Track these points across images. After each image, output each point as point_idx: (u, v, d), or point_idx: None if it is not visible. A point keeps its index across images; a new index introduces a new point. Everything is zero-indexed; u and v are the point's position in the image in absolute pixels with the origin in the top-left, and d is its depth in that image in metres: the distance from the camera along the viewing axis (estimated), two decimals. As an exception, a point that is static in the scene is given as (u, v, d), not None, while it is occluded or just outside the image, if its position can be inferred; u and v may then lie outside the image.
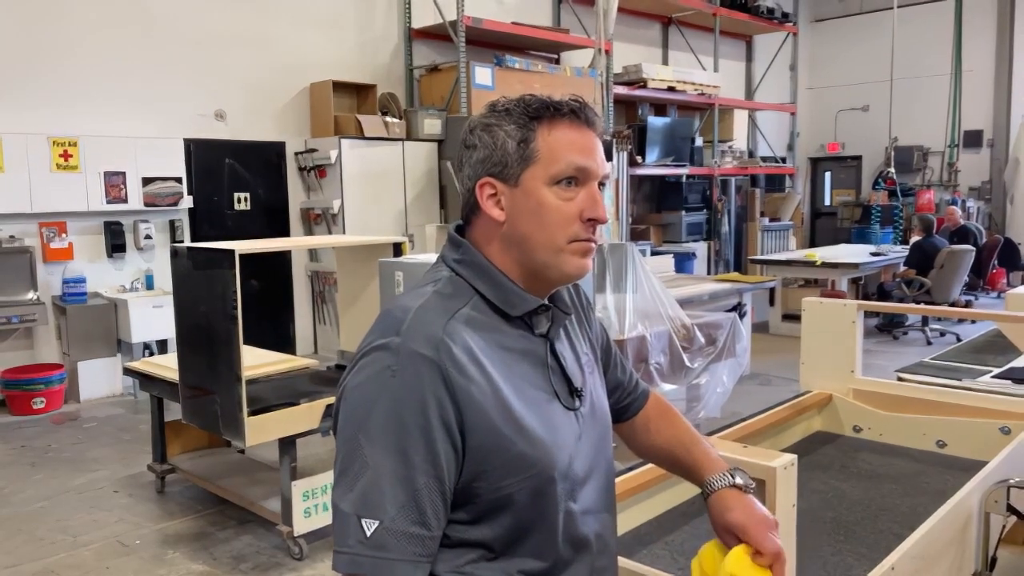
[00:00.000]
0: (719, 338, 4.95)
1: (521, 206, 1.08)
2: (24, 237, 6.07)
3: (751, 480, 1.21)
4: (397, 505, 0.97)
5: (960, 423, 2.54)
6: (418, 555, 0.97)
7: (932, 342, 7.94)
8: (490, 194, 1.10)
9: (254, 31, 7.30)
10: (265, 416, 3.43)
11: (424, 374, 0.99)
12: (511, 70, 8.17)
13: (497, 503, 1.04)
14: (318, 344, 7.78)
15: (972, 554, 1.98)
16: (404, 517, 0.97)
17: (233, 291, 3.30)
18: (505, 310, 1.10)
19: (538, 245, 1.09)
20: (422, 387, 0.99)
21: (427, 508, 0.98)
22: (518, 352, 1.10)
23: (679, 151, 10.31)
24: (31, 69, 6.14)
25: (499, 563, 1.06)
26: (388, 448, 0.98)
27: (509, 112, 1.09)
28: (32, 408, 5.88)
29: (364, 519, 0.96)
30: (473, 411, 1.00)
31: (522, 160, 1.08)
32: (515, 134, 1.08)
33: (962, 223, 9.64)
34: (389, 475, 0.97)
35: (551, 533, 1.08)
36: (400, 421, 0.98)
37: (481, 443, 1.01)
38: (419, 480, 0.98)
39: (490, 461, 1.02)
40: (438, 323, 1.03)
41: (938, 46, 12.39)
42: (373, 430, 0.99)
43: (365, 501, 0.97)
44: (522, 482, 1.04)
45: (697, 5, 10.80)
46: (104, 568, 3.48)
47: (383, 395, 0.99)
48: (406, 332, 1.02)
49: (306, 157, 7.54)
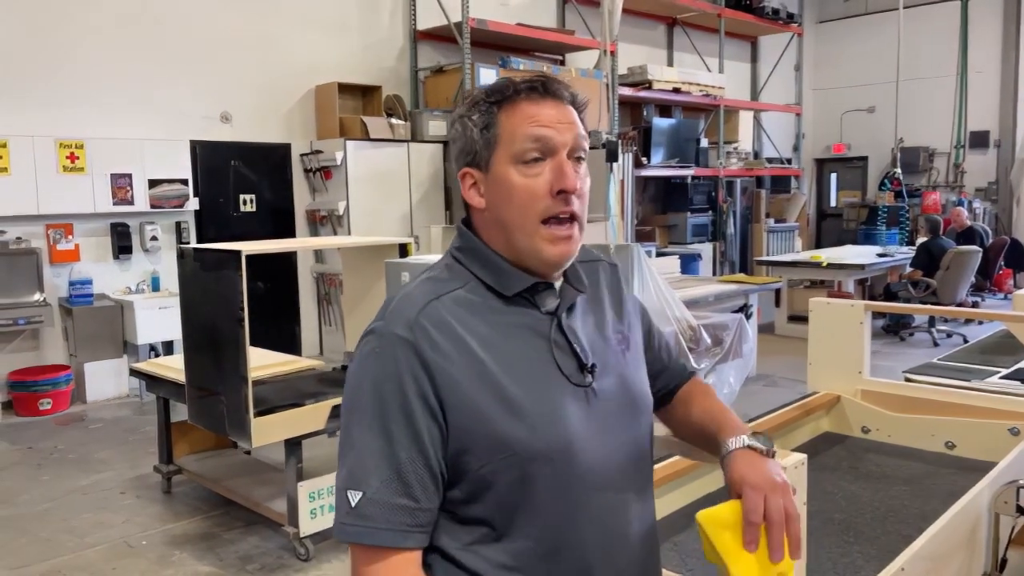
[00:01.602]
0: (725, 339, 4.94)
1: (494, 191, 1.10)
2: (31, 239, 6.09)
3: (771, 445, 1.17)
4: (380, 478, 1.01)
5: (969, 424, 2.53)
6: (406, 525, 1.01)
7: (939, 343, 7.91)
8: (471, 184, 1.13)
9: (260, 33, 7.32)
10: (271, 417, 3.43)
11: (400, 354, 1.04)
12: (516, 72, 8.16)
13: (486, 479, 1.05)
14: (323, 345, 7.79)
15: (982, 555, 1.96)
16: (388, 489, 1.01)
17: (239, 292, 3.30)
18: (500, 290, 1.11)
19: (514, 228, 1.10)
20: (399, 367, 1.03)
21: (412, 481, 1.02)
22: (516, 329, 1.10)
23: (684, 152, 10.30)
24: (38, 72, 6.16)
25: (503, 543, 1.06)
26: (372, 426, 1.03)
27: (476, 102, 1.12)
28: (39, 409, 5.89)
29: (350, 491, 1.02)
30: (451, 388, 1.03)
31: (487, 145, 1.10)
32: (479, 121, 1.10)
33: (969, 224, 9.60)
34: (373, 451, 1.02)
35: (550, 510, 1.07)
36: (381, 400, 1.03)
37: (462, 419, 1.04)
38: (401, 455, 1.02)
39: (473, 437, 1.04)
40: (417, 305, 1.07)
41: (944, 47, 12.36)
42: (358, 410, 1.05)
43: (351, 475, 1.03)
44: (509, 458, 1.04)
45: (702, 6, 10.80)
46: (111, 569, 3.49)
47: (366, 377, 1.06)
48: (388, 316, 1.08)
49: (311, 159, 7.55)
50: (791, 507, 1.09)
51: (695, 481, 2.07)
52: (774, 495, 1.08)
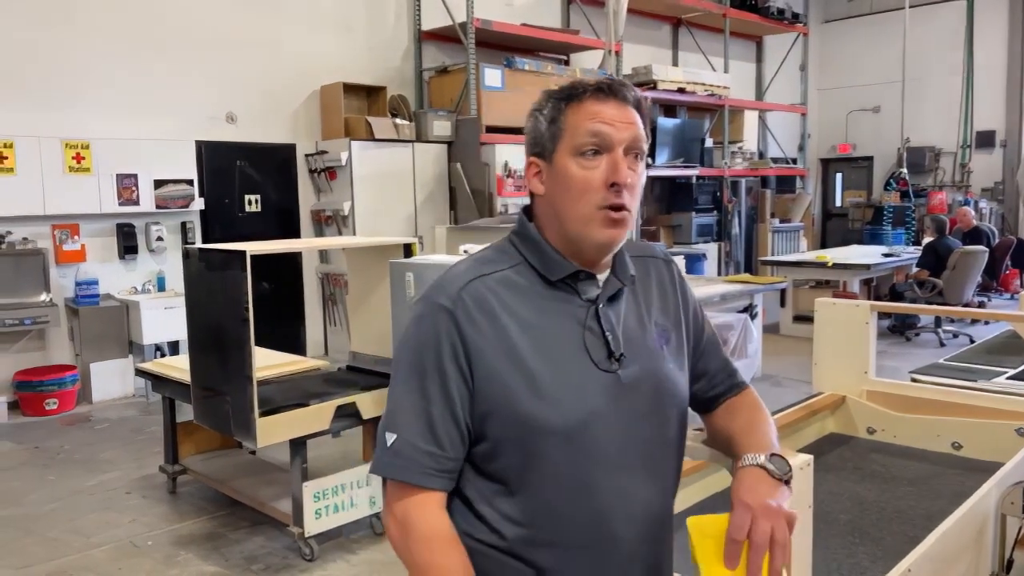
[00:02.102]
0: (730, 339, 4.93)
1: (554, 180, 1.20)
2: (37, 239, 6.11)
3: (788, 471, 1.17)
4: (413, 426, 1.16)
5: (975, 424, 2.52)
6: (431, 468, 1.15)
7: (945, 343, 7.88)
8: (535, 172, 1.23)
9: (265, 34, 7.33)
10: (276, 417, 3.43)
11: (440, 322, 1.16)
12: (521, 72, 8.16)
13: (504, 443, 1.16)
14: (328, 345, 7.80)
15: (988, 556, 1.96)
16: (418, 436, 1.15)
17: (245, 292, 3.30)
18: (545, 275, 1.20)
19: (569, 216, 1.19)
20: (439, 332, 1.16)
21: (440, 432, 1.15)
22: (554, 313, 1.19)
23: (689, 152, 10.28)
24: (44, 72, 6.18)
25: (516, 500, 1.16)
26: (410, 381, 1.17)
27: (548, 98, 1.22)
28: (45, 409, 5.91)
29: (387, 432, 1.17)
30: (480, 358, 1.15)
31: (552, 138, 1.19)
32: (547, 115, 1.20)
33: (975, 224, 9.57)
34: (410, 402, 1.17)
35: (561, 481, 1.16)
36: (420, 359, 1.17)
37: (487, 387, 1.15)
38: (433, 409, 1.15)
39: (495, 405, 1.15)
40: (462, 280, 1.18)
41: (950, 46, 12.32)
42: (401, 368, 1.20)
43: (389, 419, 1.18)
44: (525, 429, 1.14)
45: (707, 6, 10.78)
46: (116, 569, 3.49)
47: (411, 339, 1.19)
48: (435, 288, 1.20)
49: (316, 159, 7.56)
50: (780, 534, 1.10)
51: (698, 482, 2.07)
52: (764, 518, 1.10)
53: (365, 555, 3.58)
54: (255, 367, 3.36)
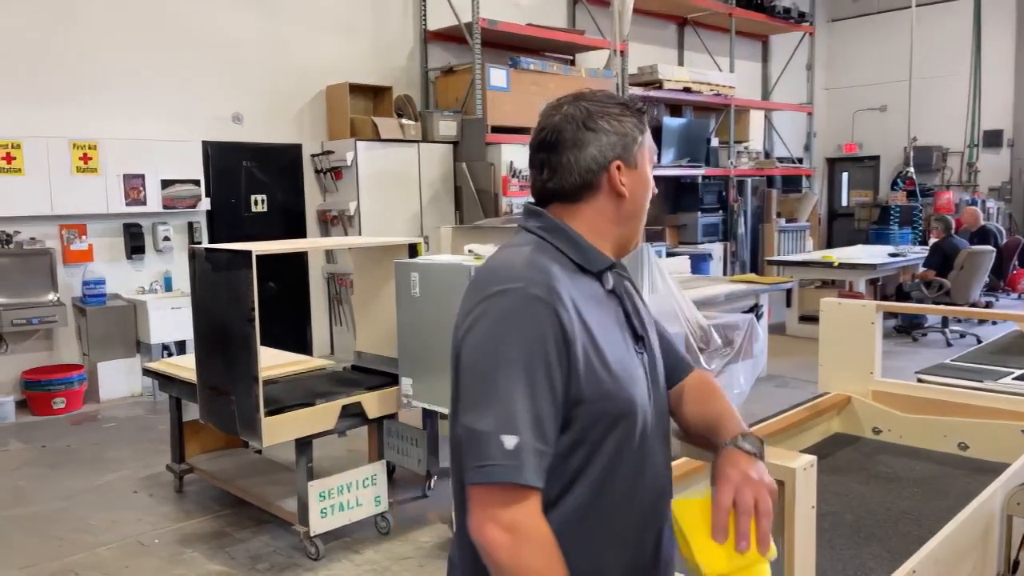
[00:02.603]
0: (736, 339, 4.92)
1: (635, 184, 1.30)
2: (45, 239, 6.14)
3: (760, 447, 1.25)
4: (527, 424, 1.12)
5: (982, 425, 2.51)
6: (540, 468, 1.13)
7: (952, 344, 7.85)
8: (620, 174, 1.28)
9: (271, 34, 7.35)
10: (282, 416, 3.44)
11: (542, 315, 1.15)
12: (526, 71, 8.16)
13: (588, 430, 1.18)
14: (334, 345, 7.81)
15: (994, 557, 1.95)
16: (532, 435, 1.12)
17: (250, 292, 3.31)
18: (584, 266, 1.26)
19: (639, 218, 1.32)
20: (542, 326, 1.15)
21: (547, 428, 1.14)
22: (595, 301, 1.25)
23: (695, 152, 10.27)
24: (52, 73, 6.21)
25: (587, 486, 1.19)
26: (520, 377, 1.13)
27: (624, 105, 1.30)
28: (52, 408, 5.94)
29: (503, 435, 1.11)
30: (575, 349, 1.16)
31: (639, 145, 1.29)
32: (637, 124, 1.29)
33: (982, 224, 9.52)
34: (522, 399, 1.13)
35: (626, 462, 1.21)
36: (528, 353, 1.14)
37: (581, 377, 1.17)
38: (543, 407, 1.13)
39: (587, 392, 1.17)
40: (548, 272, 1.20)
41: (957, 45, 12.27)
42: (506, 362, 1.14)
43: (504, 421, 1.12)
44: (607, 412, 1.19)
45: (713, 6, 10.76)
46: (123, 567, 3.51)
47: (513, 332, 1.15)
48: (524, 280, 1.17)
49: (322, 159, 7.58)
50: (763, 502, 1.16)
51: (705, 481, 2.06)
52: (745, 488, 1.17)
53: (370, 554, 3.59)
54: (261, 367, 3.38)
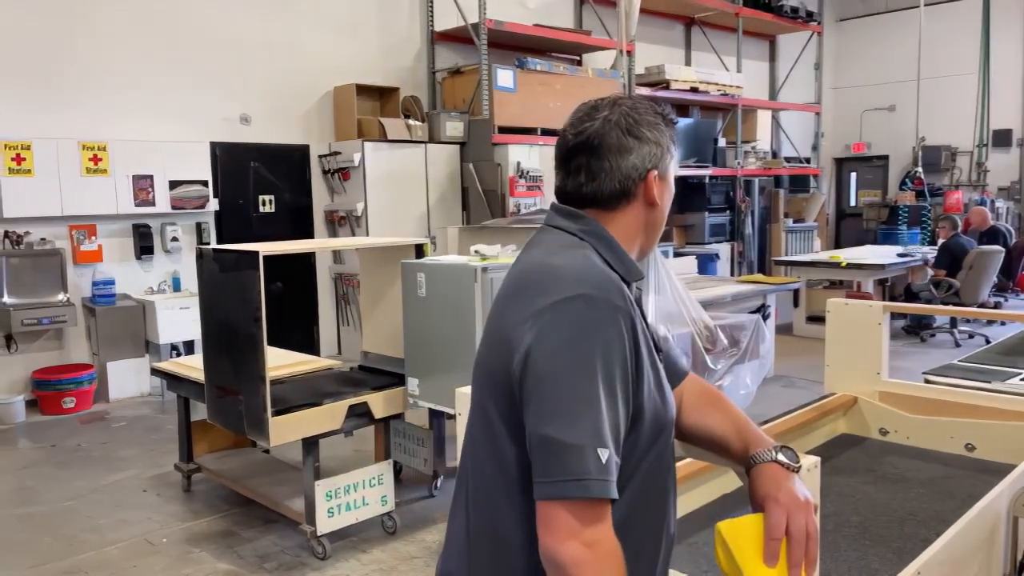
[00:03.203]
0: (742, 340, 4.92)
1: (665, 195, 1.30)
2: (55, 239, 6.18)
3: (798, 460, 1.22)
4: (612, 438, 1.09)
5: (989, 426, 2.51)
6: (615, 480, 1.08)
7: (961, 344, 7.82)
8: (656, 184, 1.27)
9: (278, 35, 7.38)
10: (289, 416, 3.45)
11: (622, 323, 1.12)
12: (533, 72, 8.17)
13: (639, 441, 1.16)
14: (342, 345, 7.83)
15: (1000, 559, 1.95)
16: (615, 447, 1.09)
17: (258, 293, 3.33)
18: (626, 277, 1.23)
19: (660, 228, 1.31)
20: (623, 335, 1.11)
21: (621, 440, 1.12)
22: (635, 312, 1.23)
23: (702, 152, 10.25)
24: (61, 75, 6.25)
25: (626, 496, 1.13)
26: (603, 387, 1.08)
27: (662, 116, 1.28)
28: (62, 408, 5.98)
29: (599, 448, 1.06)
30: (639, 360, 1.15)
31: (672, 157, 1.29)
32: (668, 135, 1.28)
33: (991, 223, 9.48)
34: (606, 411, 1.08)
35: (658, 476, 1.21)
36: (610, 364, 1.09)
37: (645, 384, 1.15)
38: (620, 415, 1.11)
39: (645, 403, 1.15)
40: (615, 279, 1.17)
41: (965, 44, 12.21)
42: (590, 372, 1.08)
43: (596, 434, 1.06)
44: (656, 421, 1.18)
45: (720, 5, 10.74)
46: (131, 566, 3.53)
47: (594, 341, 1.09)
48: (601, 286, 1.13)
49: (330, 160, 7.60)
50: (812, 526, 1.15)
51: (708, 483, 2.07)
52: (797, 513, 1.15)
53: (377, 554, 3.60)
54: (268, 367, 3.39)
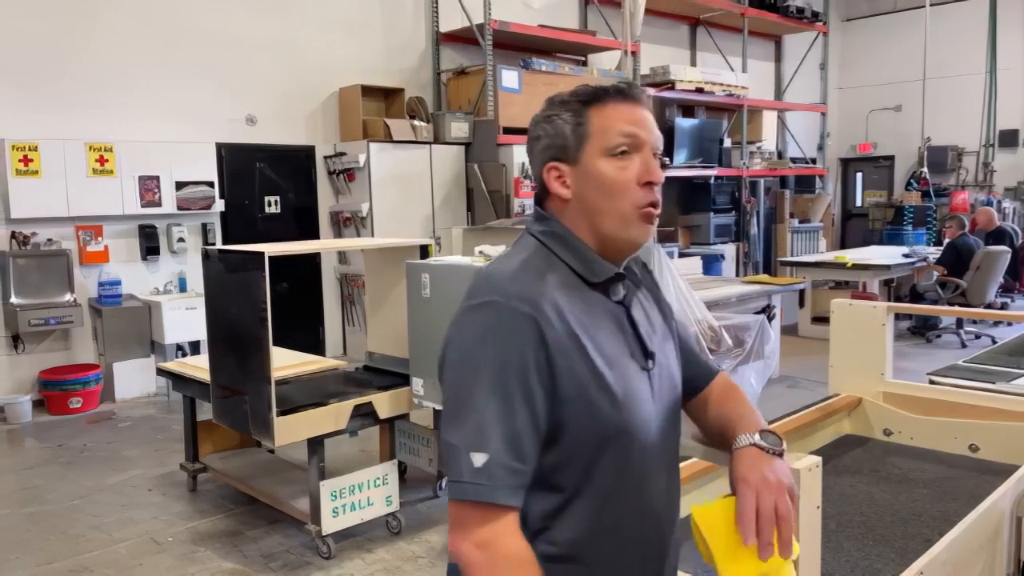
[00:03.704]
0: (747, 340, 4.91)
1: (584, 182, 1.20)
2: (61, 240, 6.21)
3: (780, 444, 1.20)
4: (500, 441, 1.08)
5: (993, 427, 2.50)
6: (515, 485, 1.09)
7: (967, 345, 7.79)
8: (556, 176, 1.22)
9: (284, 37, 7.40)
10: (294, 416, 3.47)
11: (524, 328, 1.11)
12: (538, 73, 8.17)
13: (575, 448, 1.13)
14: (347, 345, 7.85)
15: (1003, 559, 1.94)
16: (506, 452, 1.08)
17: (263, 293, 3.34)
18: (587, 277, 1.20)
19: (606, 215, 1.19)
20: (523, 340, 1.10)
21: (524, 446, 1.10)
22: (599, 314, 1.19)
23: (707, 152, 10.24)
24: (68, 76, 6.28)
25: (578, 508, 1.15)
26: (495, 392, 1.10)
27: (565, 102, 1.22)
28: (69, 408, 6.00)
29: (474, 452, 1.08)
30: (560, 363, 1.11)
31: (579, 140, 1.20)
32: (570, 119, 1.20)
33: (998, 224, 9.44)
34: (495, 415, 1.09)
35: (618, 484, 1.16)
36: (504, 369, 1.10)
37: (568, 391, 1.12)
38: (519, 421, 1.09)
39: (572, 409, 1.12)
40: (533, 284, 1.14)
41: (972, 44, 12.16)
42: (481, 376, 1.10)
43: (475, 437, 1.09)
44: (597, 431, 1.13)
45: (725, 6, 10.73)
46: (137, 565, 3.55)
47: (489, 346, 1.11)
48: (507, 292, 1.13)
49: (335, 161, 7.62)
50: (783, 506, 1.13)
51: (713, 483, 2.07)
52: (767, 492, 1.13)
53: (381, 554, 3.61)
54: (273, 367, 3.41)
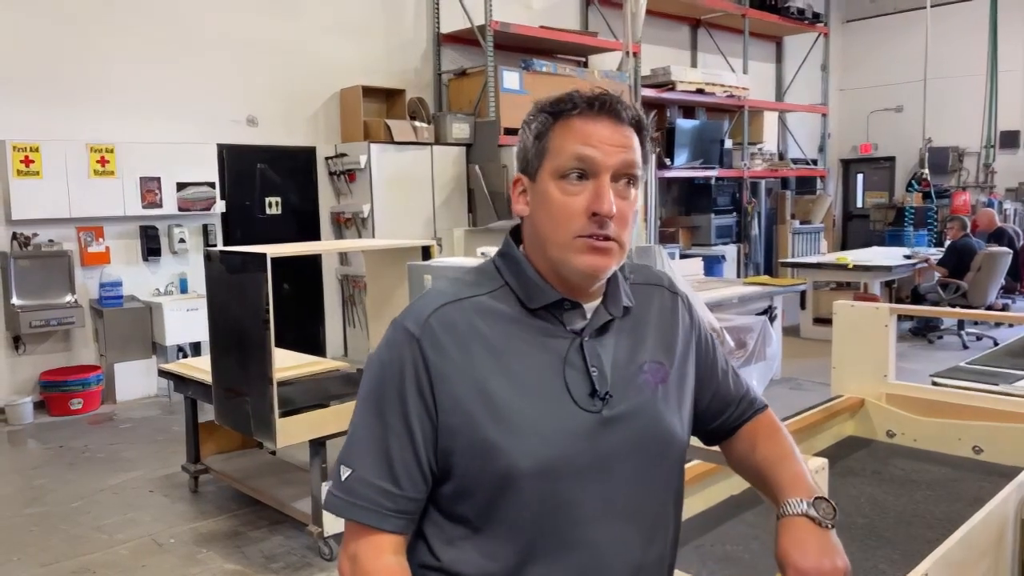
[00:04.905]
0: (749, 342, 4.91)
1: (537, 201, 1.10)
2: (63, 241, 6.21)
3: (833, 515, 1.10)
4: (370, 460, 1.06)
5: (997, 428, 2.50)
6: (385, 508, 1.06)
7: (969, 346, 7.79)
8: (520, 190, 1.13)
9: (285, 37, 7.40)
10: (296, 418, 3.47)
11: (406, 349, 1.07)
12: (539, 74, 8.17)
13: (469, 482, 1.07)
14: (348, 347, 7.85)
15: (1007, 562, 1.94)
16: (374, 471, 1.06)
17: (265, 294, 3.34)
18: (525, 302, 1.11)
19: (548, 240, 1.09)
20: (403, 360, 1.07)
21: (398, 469, 1.06)
22: (533, 344, 1.09)
23: (708, 153, 10.24)
24: (69, 77, 6.28)
25: (482, 545, 1.07)
26: (370, 409, 1.09)
27: (541, 110, 1.11)
28: (70, 409, 6.00)
29: (342, 466, 1.08)
30: (445, 389, 1.05)
31: (538, 155, 1.09)
32: (535, 130, 1.10)
33: (999, 225, 9.44)
34: (368, 434, 1.07)
35: (532, 529, 1.06)
36: (382, 388, 1.08)
37: (452, 421, 1.05)
38: (392, 442, 1.06)
39: (459, 440, 1.05)
40: (432, 305, 1.09)
41: (973, 45, 12.16)
42: (362, 393, 1.11)
43: (346, 452, 1.09)
44: (491, 468, 1.05)
45: (726, 7, 10.73)
46: (139, 566, 3.55)
47: (375, 364, 1.11)
48: (406, 311, 1.12)
49: (336, 162, 7.62)
50: None
51: (716, 484, 2.07)
52: None
53: (383, 555, 3.60)
54: (275, 368, 3.40)
